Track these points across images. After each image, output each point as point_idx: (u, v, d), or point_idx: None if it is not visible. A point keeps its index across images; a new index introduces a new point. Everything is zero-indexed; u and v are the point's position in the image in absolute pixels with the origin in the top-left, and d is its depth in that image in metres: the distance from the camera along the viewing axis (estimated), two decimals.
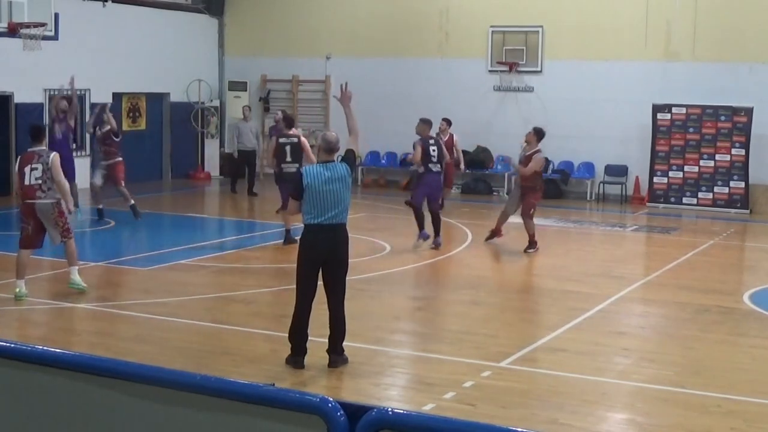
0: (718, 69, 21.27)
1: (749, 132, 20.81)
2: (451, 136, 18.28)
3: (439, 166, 15.01)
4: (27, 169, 11.05)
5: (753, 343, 9.78)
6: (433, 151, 14.97)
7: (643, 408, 7.77)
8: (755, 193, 20.98)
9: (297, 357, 8.58)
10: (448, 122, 18.59)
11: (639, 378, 8.54)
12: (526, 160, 14.95)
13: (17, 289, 11.05)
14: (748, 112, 20.82)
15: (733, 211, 20.55)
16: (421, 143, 15.00)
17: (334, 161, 8.56)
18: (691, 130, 21.53)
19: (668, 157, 21.79)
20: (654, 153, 21.76)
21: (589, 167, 22.63)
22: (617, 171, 22.43)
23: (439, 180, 15.22)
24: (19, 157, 11.55)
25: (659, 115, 21.64)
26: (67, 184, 11.27)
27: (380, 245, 15.36)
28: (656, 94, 21.66)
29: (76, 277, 11.37)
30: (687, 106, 21.44)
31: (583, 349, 9.45)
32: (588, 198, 22.48)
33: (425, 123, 15.33)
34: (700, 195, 21.19)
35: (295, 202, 8.61)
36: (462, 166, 19.12)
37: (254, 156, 21.60)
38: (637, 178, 22.20)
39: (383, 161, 24.37)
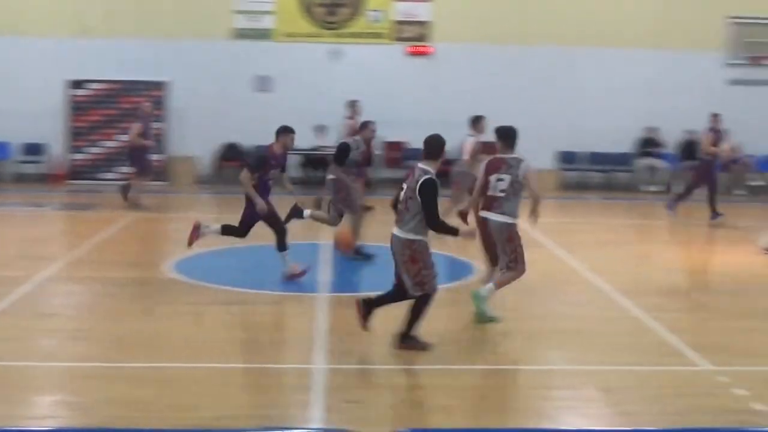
0: (135, 45, 21.45)
1: (168, 105, 21.36)
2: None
3: None
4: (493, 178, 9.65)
5: (180, 310, 9.96)
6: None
7: (72, 387, 7.48)
8: (174, 165, 21.60)
9: None
10: None
11: (68, 357, 8.24)
12: None
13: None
14: (167, 86, 21.35)
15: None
16: None
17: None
18: (109, 105, 21.53)
19: (87, 134, 21.60)
20: (72, 130, 21.48)
21: (2, 147, 21.64)
22: (34, 150, 21.72)
23: None
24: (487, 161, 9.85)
25: (76, 91, 21.34)
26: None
27: None
28: (71, 71, 21.30)
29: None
30: (105, 82, 21.43)
31: (10, 335, 8.90)
32: (2, 180, 21.48)
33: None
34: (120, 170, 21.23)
35: None
36: None
37: None
38: (56, 155, 21.66)
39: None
